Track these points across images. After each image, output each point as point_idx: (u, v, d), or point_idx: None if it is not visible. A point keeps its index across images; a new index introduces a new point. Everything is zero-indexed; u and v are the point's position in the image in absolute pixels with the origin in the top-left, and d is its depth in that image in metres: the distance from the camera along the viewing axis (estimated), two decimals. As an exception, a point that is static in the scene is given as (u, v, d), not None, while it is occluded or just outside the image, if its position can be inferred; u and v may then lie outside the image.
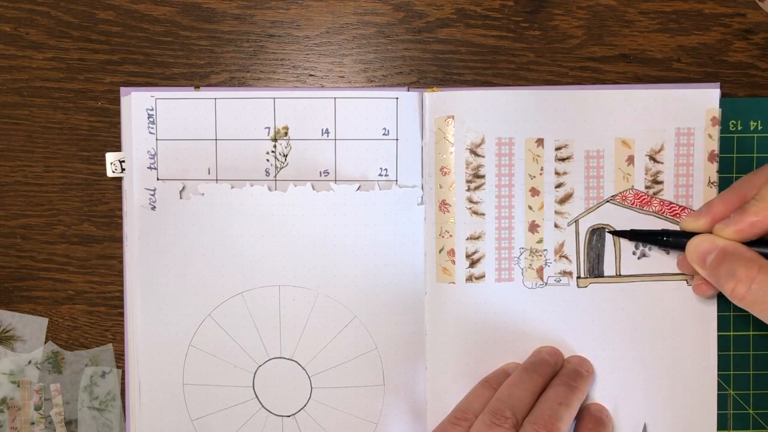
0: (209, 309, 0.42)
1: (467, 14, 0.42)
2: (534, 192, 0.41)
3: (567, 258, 0.42)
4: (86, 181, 0.43)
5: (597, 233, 0.42)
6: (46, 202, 0.43)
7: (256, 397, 0.42)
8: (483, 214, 0.41)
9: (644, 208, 0.41)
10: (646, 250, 0.41)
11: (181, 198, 0.42)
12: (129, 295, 0.43)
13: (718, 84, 0.41)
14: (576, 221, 0.42)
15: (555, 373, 0.40)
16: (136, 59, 0.43)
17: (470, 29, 0.42)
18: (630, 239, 0.41)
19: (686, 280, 0.41)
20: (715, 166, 0.41)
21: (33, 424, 0.44)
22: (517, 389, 0.37)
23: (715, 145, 0.41)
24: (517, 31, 0.42)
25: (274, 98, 0.41)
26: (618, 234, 0.41)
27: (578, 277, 0.42)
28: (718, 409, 0.41)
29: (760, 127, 0.42)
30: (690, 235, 0.38)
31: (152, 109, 0.42)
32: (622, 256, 0.41)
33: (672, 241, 0.39)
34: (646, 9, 0.42)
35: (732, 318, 0.42)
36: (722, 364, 0.42)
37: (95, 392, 0.44)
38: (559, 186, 0.41)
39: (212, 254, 0.42)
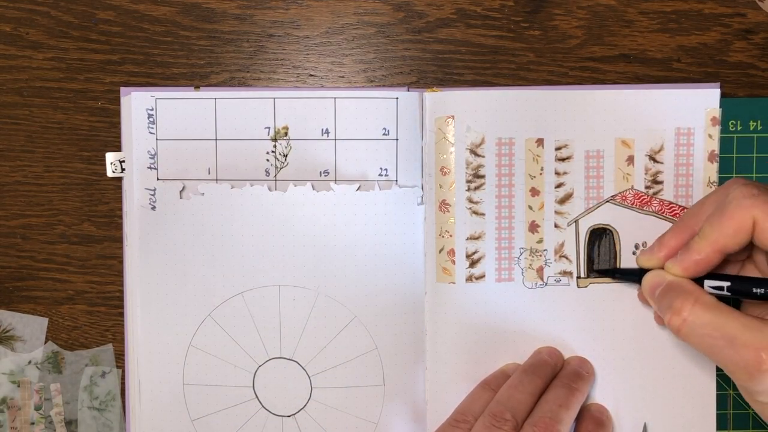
0: (209, 309, 0.42)
1: (467, 14, 0.42)
2: (534, 192, 0.41)
3: (567, 258, 0.42)
4: (86, 181, 0.43)
5: (597, 233, 0.42)
6: (46, 202, 0.43)
7: (256, 397, 0.42)
8: (483, 214, 0.41)
9: (644, 208, 0.41)
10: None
11: (181, 198, 0.42)
12: (129, 295, 0.43)
13: (718, 84, 0.41)
14: (576, 221, 0.42)
15: (555, 374, 0.40)
16: (136, 59, 0.43)
17: (470, 29, 0.42)
18: (604, 275, 0.41)
19: (686, 280, 0.41)
20: (715, 166, 0.41)
21: (33, 424, 0.44)
22: (516, 391, 0.37)
23: (715, 145, 0.41)
24: (517, 31, 0.42)
25: (274, 98, 0.41)
26: (603, 272, 0.41)
27: (578, 277, 0.42)
28: (718, 409, 0.41)
29: (759, 127, 0.42)
30: (645, 270, 0.38)
31: (152, 109, 0.42)
32: (621, 256, 0.41)
33: (629, 277, 0.40)
34: (646, 9, 0.42)
35: (732, 318, 0.42)
36: (722, 364, 0.42)
37: (95, 392, 0.44)
38: (559, 186, 0.41)
39: (212, 254, 0.42)
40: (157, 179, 0.42)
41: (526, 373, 0.39)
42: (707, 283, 0.36)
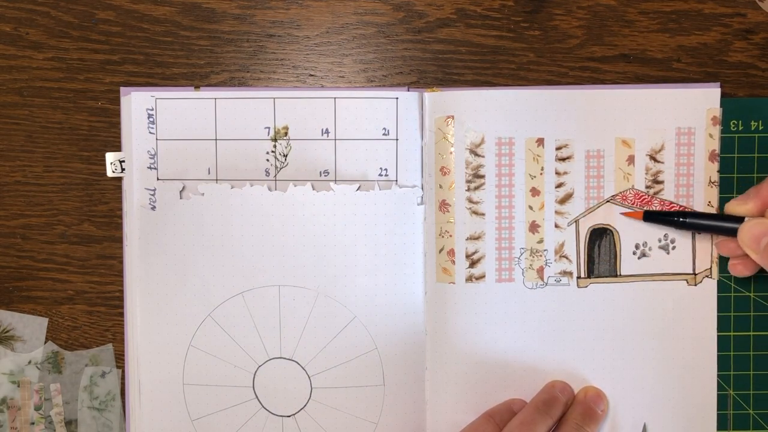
0: (209, 309, 0.42)
1: (467, 14, 0.42)
2: (534, 192, 0.41)
3: (567, 258, 0.41)
4: (86, 181, 0.43)
5: (597, 233, 0.42)
6: (46, 202, 0.43)
7: (256, 397, 0.42)
8: (483, 214, 0.41)
9: (644, 208, 0.41)
10: (647, 249, 0.41)
11: (181, 198, 0.42)
12: (129, 295, 0.43)
13: (719, 84, 0.41)
14: (576, 221, 0.41)
15: (566, 410, 0.40)
16: (136, 59, 0.43)
17: (470, 29, 0.42)
18: (670, 225, 0.40)
19: (686, 280, 0.41)
20: (716, 165, 0.41)
21: (33, 424, 0.44)
22: (528, 430, 0.37)
23: (715, 145, 0.41)
24: (517, 31, 0.42)
25: (274, 98, 0.41)
26: (656, 217, 0.40)
27: (578, 277, 0.41)
28: (718, 409, 0.41)
29: (760, 127, 0.42)
30: (736, 219, 0.37)
31: (152, 109, 0.42)
32: (622, 256, 0.41)
33: (716, 225, 0.39)
34: (646, 9, 0.42)
35: (732, 318, 0.42)
36: (722, 364, 0.42)
37: (95, 392, 0.44)
38: (559, 186, 0.41)
39: (212, 254, 0.42)
40: (157, 179, 0.42)
41: (539, 411, 0.39)
42: None
